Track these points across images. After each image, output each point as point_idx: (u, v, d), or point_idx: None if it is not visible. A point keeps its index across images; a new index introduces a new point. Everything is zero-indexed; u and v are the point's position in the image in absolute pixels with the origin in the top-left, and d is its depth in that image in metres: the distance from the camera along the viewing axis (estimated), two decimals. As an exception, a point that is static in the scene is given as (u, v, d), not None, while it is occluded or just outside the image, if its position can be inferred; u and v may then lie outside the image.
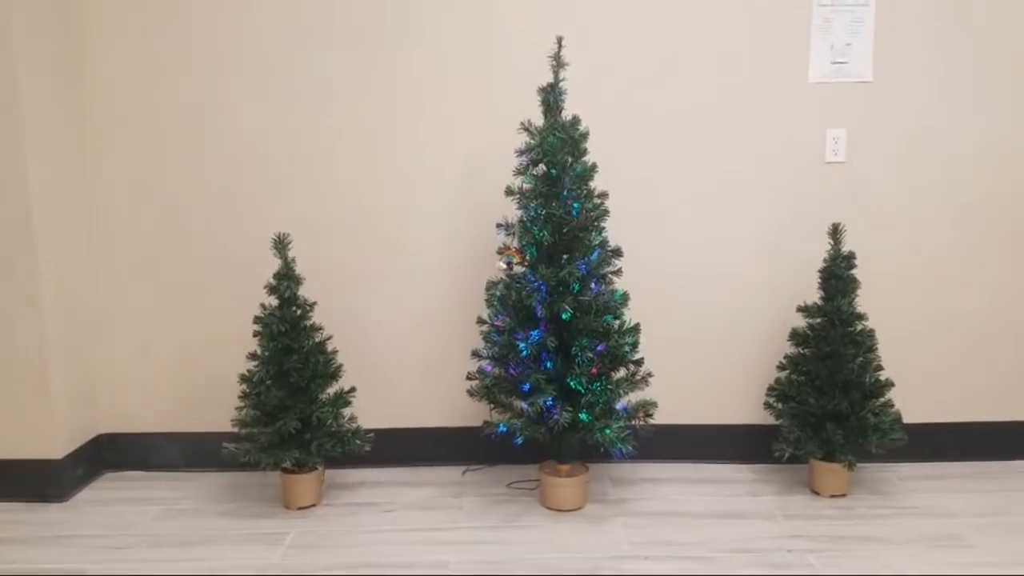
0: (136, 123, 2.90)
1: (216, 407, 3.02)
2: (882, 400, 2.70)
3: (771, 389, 2.85)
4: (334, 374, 2.74)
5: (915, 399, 3.01)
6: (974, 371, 3.04)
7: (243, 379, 2.66)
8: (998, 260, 2.98)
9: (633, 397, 2.65)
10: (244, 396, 2.66)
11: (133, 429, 3.06)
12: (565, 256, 2.58)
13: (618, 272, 2.64)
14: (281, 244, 2.64)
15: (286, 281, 2.63)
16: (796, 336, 2.79)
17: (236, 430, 2.68)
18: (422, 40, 2.87)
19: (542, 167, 2.56)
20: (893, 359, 2.95)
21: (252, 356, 2.66)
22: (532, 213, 2.55)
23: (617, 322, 2.60)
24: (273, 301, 2.66)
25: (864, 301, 2.82)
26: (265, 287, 2.65)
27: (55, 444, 2.79)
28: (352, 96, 2.90)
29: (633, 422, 2.60)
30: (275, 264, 2.68)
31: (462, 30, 2.86)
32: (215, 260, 2.98)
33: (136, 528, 2.60)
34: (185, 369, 3.04)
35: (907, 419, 2.86)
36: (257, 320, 2.64)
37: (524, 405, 2.58)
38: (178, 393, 3.05)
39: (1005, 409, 3.05)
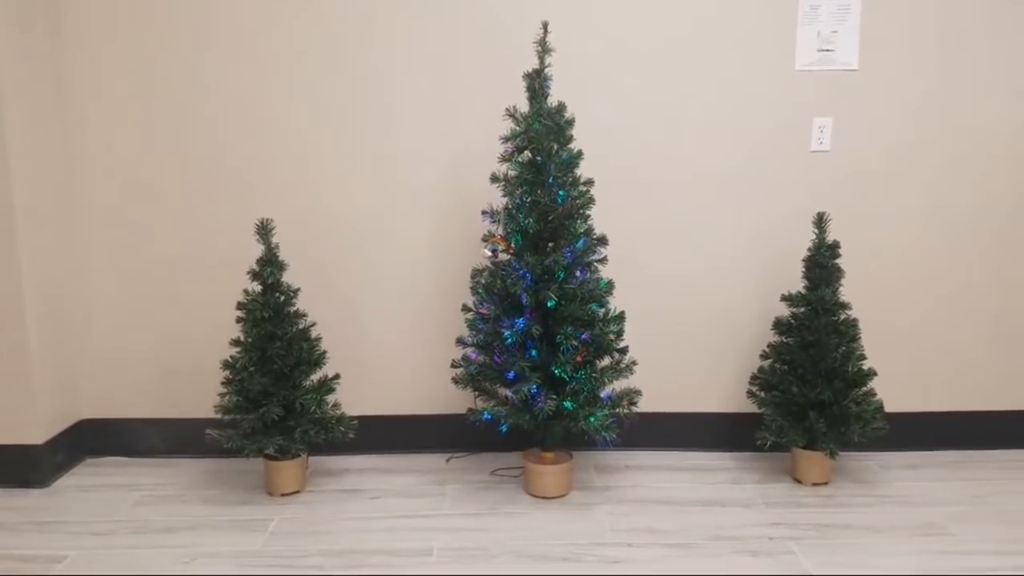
0: (120, 112, 2.87)
1: (198, 393, 3.00)
2: (864, 389, 2.71)
3: (754, 378, 2.85)
4: (318, 361, 2.72)
5: (897, 388, 3.03)
6: (955, 361, 3.06)
7: (226, 365, 2.64)
8: (981, 251, 3.00)
9: (617, 385, 2.65)
10: (227, 382, 2.64)
11: (115, 415, 3.04)
12: (550, 244, 2.57)
13: (603, 260, 2.63)
14: (264, 230, 2.62)
15: (269, 267, 2.61)
16: (780, 325, 2.80)
17: (219, 416, 2.66)
18: (406, 24, 2.84)
19: (527, 154, 2.55)
20: (876, 348, 2.96)
21: (235, 342, 2.65)
22: (517, 200, 2.54)
23: (602, 310, 2.60)
24: (256, 287, 2.65)
25: (848, 290, 2.83)
26: (248, 273, 2.63)
27: (36, 430, 2.77)
28: (337, 85, 2.87)
29: (617, 410, 2.61)
30: (258, 250, 2.66)
31: (445, 14, 2.84)
32: (198, 245, 2.95)
33: (117, 514, 2.58)
34: (167, 355, 3.02)
35: (889, 408, 2.88)
36: (240, 306, 2.62)
37: (509, 393, 2.58)
38: (160, 379, 3.03)
39: (985, 399, 3.08)
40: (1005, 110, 2.91)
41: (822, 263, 2.70)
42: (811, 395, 2.69)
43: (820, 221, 2.72)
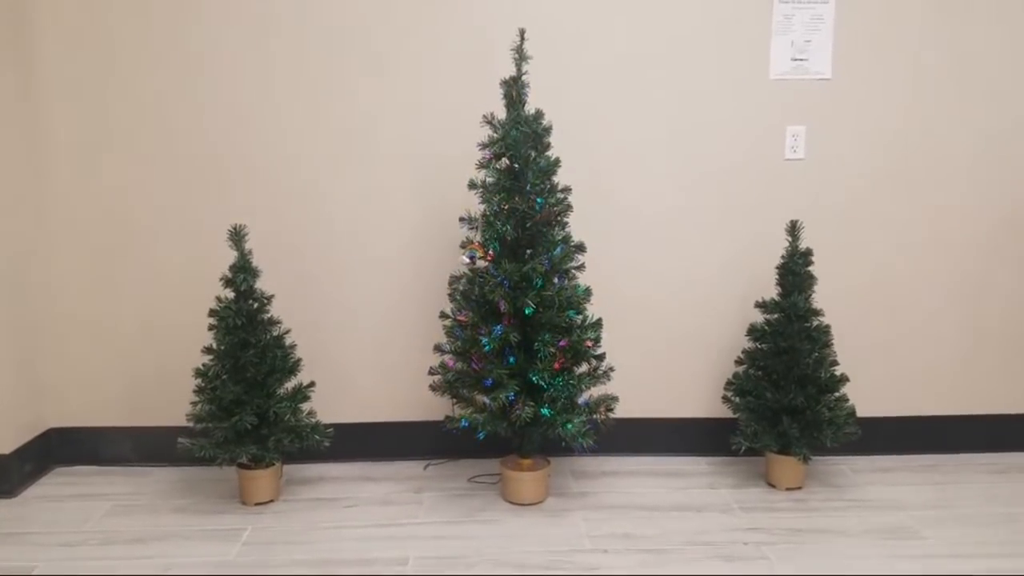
0: (89, 116, 2.82)
1: (170, 401, 2.95)
2: (837, 394, 2.74)
3: (729, 383, 2.88)
4: (292, 368, 2.70)
5: (869, 393, 3.07)
6: (927, 366, 3.11)
7: (198, 373, 2.60)
8: (954, 257, 3.05)
9: (595, 392, 2.66)
10: (199, 391, 2.60)
11: (84, 423, 2.98)
12: (528, 251, 2.57)
13: (581, 267, 2.64)
14: (237, 236, 2.59)
15: (242, 274, 2.58)
16: (753, 331, 2.82)
17: (191, 425, 2.62)
18: (383, 32, 2.83)
19: (505, 161, 2.55)
20: (848, 354, 2.99)
21: (207, 350, 2.61)
22: (495, 207, 2.54)
23: (579, 317, 2.60)
24: (229, 294, 2.61)
25: (820, 297, 2.86)
26: (221, 280, 2.60)
27: (2, 438, 2.71)
28: (311, 90, 2.85)
29: (594, 416, 2.61)
30: (231, 256, 2.62)
31: (423, 20, 2.83)
32: (169, 252, 2.91)
33: (87, 524, 2.54)
34: (138, 362, 2.97)
35: (861, 413, 2.91)
36: (212, 313, 2.59)
37: (486, 400, 2.57)
38: (131, 387, 2.98)
39: (954, 403, 3.13)
40: (979, 117, 2.96)
41: (795, 270, 2.73)
42: (785, 400, 2.72)
43: (793, 229, 2.74)
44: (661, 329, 3.05)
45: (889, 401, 3.11)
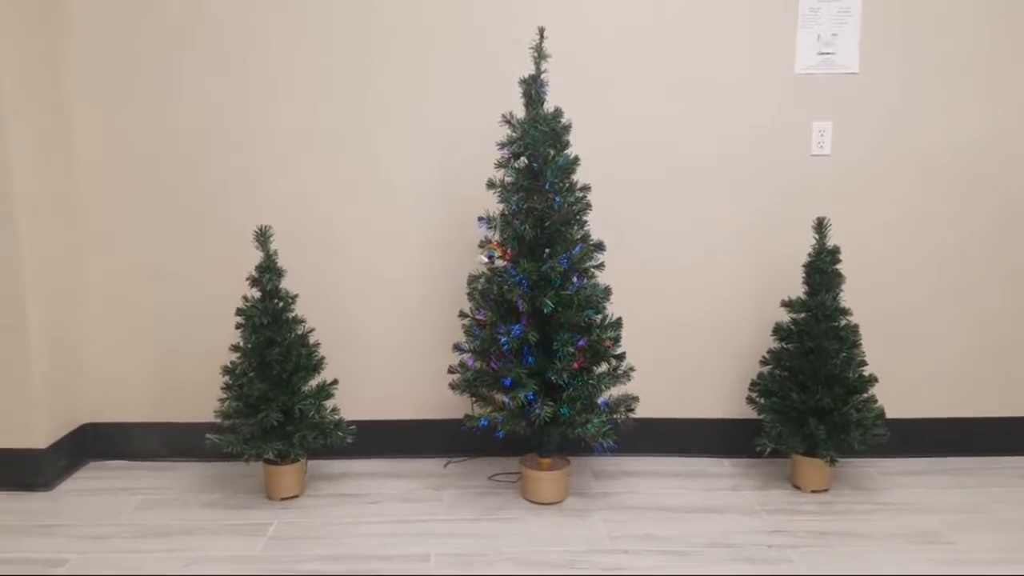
0: (117, 125, 2.88)
1: (199, 398, 3.02)
2: (865, 396, 2.69)
3: (754, 384, 2.84)
4: (316, 366, 2.73)
5: (898, 394, 3.01)
6: (957, 367, 3.03)
7: (225, 371, 2.65)
8: (984, 256, 2.96)
9: (615, 391, 2.65)
10: (226, 388, 2.66)
11: (117, 419, 3.06)
12: (547, 250, 2.56)
13: (600, 266, 2.62)
14: (263, 236, 2.63)
15: (268, 274, 2.62)
16: (779, 331, 2.78)
17: (219, 421, 2.68)
18: (399, 28, 2.84)
19: (524, 160, 2.55)
20: (877, 354, 2.93)
21: (234, 348, 2.66)
22: (514, 206, 2.53)
23: (599, 316, 2.59)
24: (255, 293, 2.66)
25: (848, 296, 2.81)
26: (247, 279, 2.64)
27: (39, 434, 2.79)
28: (330, 90, 2.87)
29: (615, 416, 2.60)
30: (256, 257, 2.67)
31: (440, 22, 2.83)
32: (196, 252, 2.97)
33: (119, 518, 2.61)
34: (168, 360, 3.04)
35: (890, 414, 2.85)
36: (239, 312, 2.63)
37: (505, 399, 2.58)
38: (162, 383, 3.05)
39: (987, 405, 3.05)
40: (1006, 114, 2.87)
41: (822, 268, 2.68)
42: (811, 401, 2.68)
43: (820, 226, 2.69)
44: (683, 328, 3.02)
45: (919, 402, 3.04)
